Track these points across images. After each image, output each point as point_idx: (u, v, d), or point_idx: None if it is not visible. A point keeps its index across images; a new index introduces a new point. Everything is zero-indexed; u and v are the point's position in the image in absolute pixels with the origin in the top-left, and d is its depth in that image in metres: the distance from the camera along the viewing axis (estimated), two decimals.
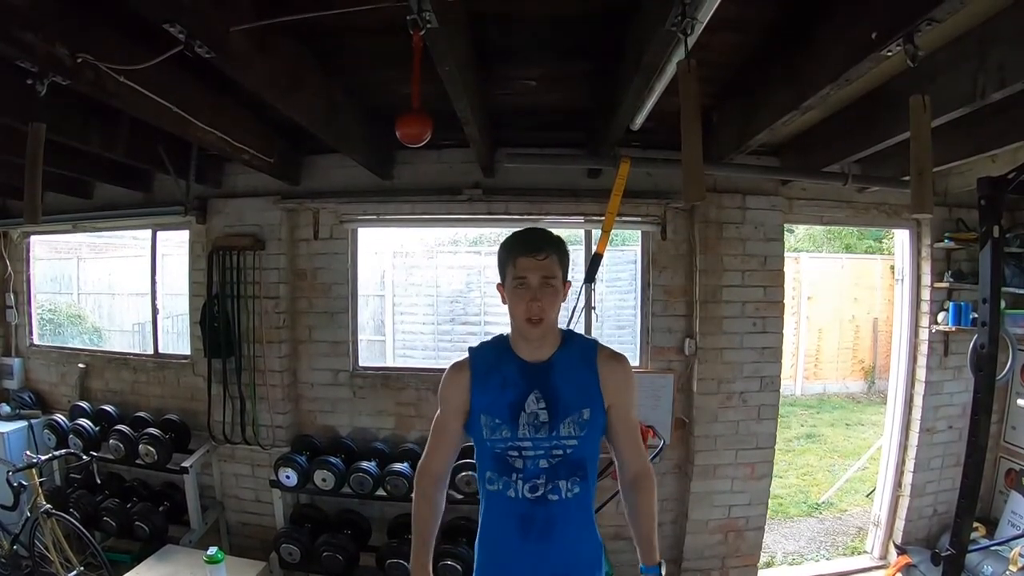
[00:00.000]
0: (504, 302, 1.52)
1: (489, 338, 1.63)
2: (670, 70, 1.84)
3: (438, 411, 1.62)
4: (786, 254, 3.52)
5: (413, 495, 1.64)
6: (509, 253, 1.49)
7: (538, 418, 1.47)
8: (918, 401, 3.63)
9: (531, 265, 1.44)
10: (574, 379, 1.50)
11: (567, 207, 3.39)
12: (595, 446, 1.55)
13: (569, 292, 1.55)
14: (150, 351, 3.98)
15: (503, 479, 1.49)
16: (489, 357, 1.56)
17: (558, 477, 1.47)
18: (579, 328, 3.30)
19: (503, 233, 2.03)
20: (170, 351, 4.03)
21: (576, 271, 6.99)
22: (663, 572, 1.53)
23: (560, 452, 1.47)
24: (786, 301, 3.50)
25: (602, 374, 1.52)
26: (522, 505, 1.48)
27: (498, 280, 1.55)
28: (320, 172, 3.51)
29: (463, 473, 3.07)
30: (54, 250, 7.40)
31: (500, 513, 1.52)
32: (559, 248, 1.50)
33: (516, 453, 1.48)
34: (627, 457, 1.60)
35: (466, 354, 1.60)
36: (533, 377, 1.50)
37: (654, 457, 3.10)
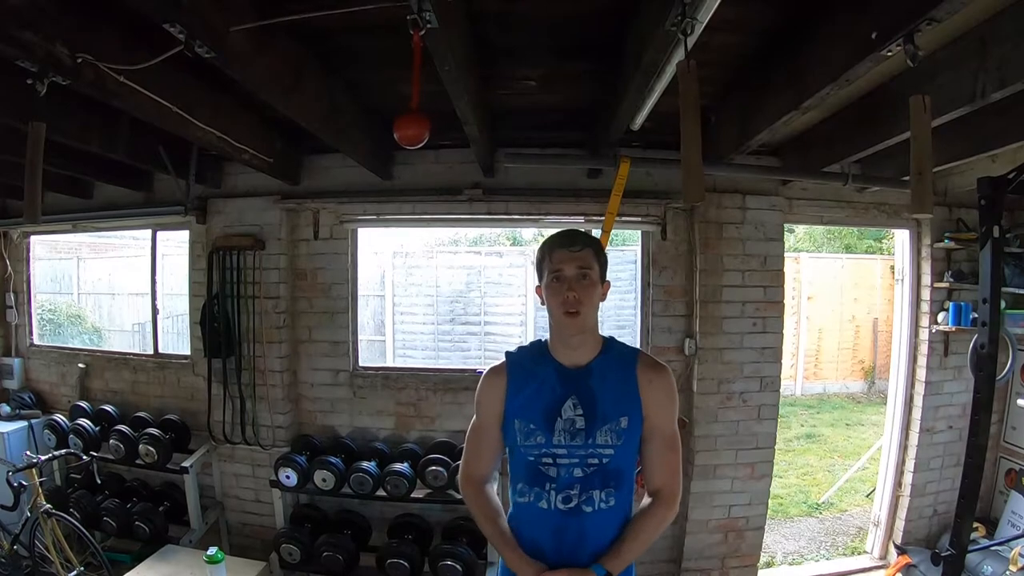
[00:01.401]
0: (543, 303, 1.50)
1: (526, 343, 1.62)
2: (670, 70, 1.84)
3: (474, 417, 1.59)
4: (786, 254, 3.52)
5: (467, 505, 1.61)
6: (545, 250, 1.49)
7: (574, 424, 1.43)
8: (918, 401, 3.63)
9: (566, 257, 1.44)
10: (613, 386, 1.45)
11: (567, 207, 3.38)
12: (632, 458, 1.49)
13: (608, 293, 1.52)
14: (150, 351, 3.98)
15: (535, 490, 1.45)
16: (526, 362, 1.53)
17: (592, 487, 1.42)
18: None
19: (503, 233, 2.03)
20: (170, 351, 4.03)
21: None
22: None
23: (596, 461, 1.42)
24: (786, 301, 3.50)
25: (641, 383, 1.46)
26: (555, 516, 1.43)
27: (537, 283, 1.54)
28: (320, 172, 3.51)
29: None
30: (54, 250, 7.42)
31: (531, 523, 1.47)
32: (595, 245, 1.51)
33: (550, 460, 1.43)
34: (657, 473, 1.49)
35: (503, 358, 1.57)
36: (571, 382, 1.46)
37: None
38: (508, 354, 1.57)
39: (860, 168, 3.17)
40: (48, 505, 3.00)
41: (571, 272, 1.43)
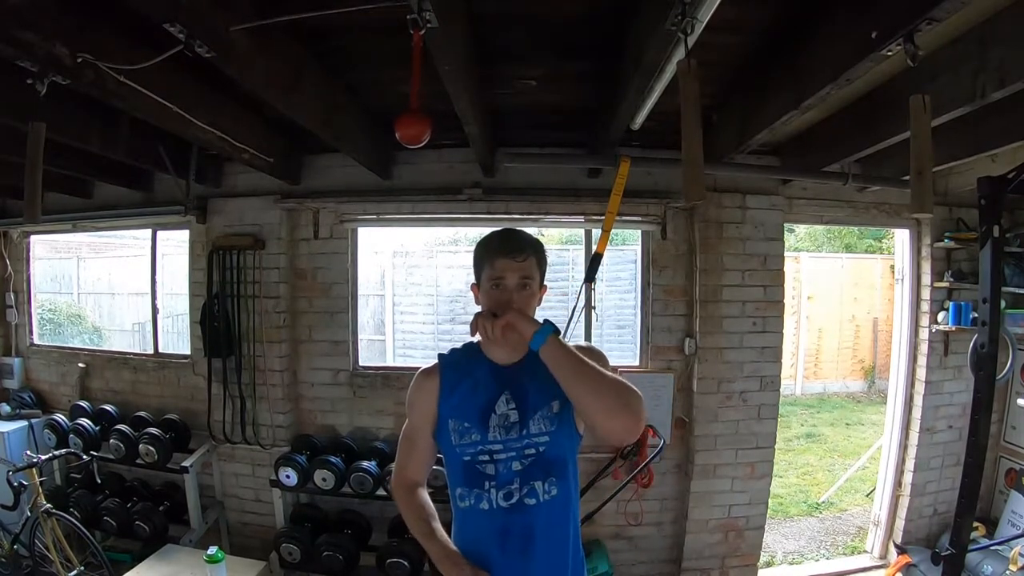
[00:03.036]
0: (477, 302, 1.46)
1: (458, 345, 1.56)
2: (670, 70, 1.84)
3: (407, 421, 1.55)
4: (786, 254, 3.53)
5: (400, 510, 1.55)
6: (486, 253, 1.43)
7: (508, 419, 1.41)
8: (918, 401, 3.63)
9: (509, 266, 1.39)
10: (542, 374, 1.37)
11: (567, 207, 3.39)
12: (570, 442, 1.45)
13: (544, 298, 1.48)
14: (150, 351, 3.98)
15: (474, 492, 1.41)
16: (460, 362, 1.51)
17: (533, 479, 1.40)
18: (579, 327, 3.31)
19: None
20: (170, 351, 4.03)
21: (576, 271, 6.98)
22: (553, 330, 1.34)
23: (532, 451, 1.40)
24: (786, 301, 3.50)
25: None
26: (498, 516, 1.40)
27: (472, 281, 1.49)
28: (320, 171, 3.51)
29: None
30: (54, 250, 7.41)
31: (475, 529, 1.43)
32: (538, 251, 1.45)
33: (487, 458, 1.41)
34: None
35: (435, 360, 1.53)
36: (505, 379, 1.45)
37: (654, 457, 3.11)
38: (441, 356, 1.54)
39: (860, 168, 3.17)
40: (48, 505, 3.00)
41: (512, 282, 1.39)
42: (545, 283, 1.48)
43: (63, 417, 3.79)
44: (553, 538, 1.42)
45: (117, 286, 7.94)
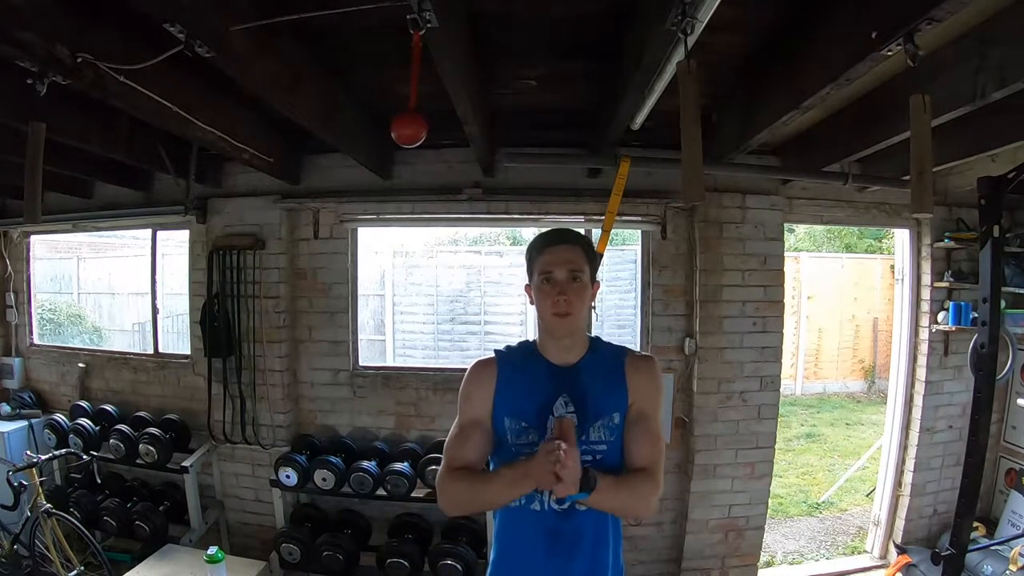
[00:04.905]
0: (532, 303, 1.46)
1: (514, 343, 1.56)
2: (670, 70, 1.84)
3: (457, 416, 1.49)
4: (786, 254, 3.53)
5: (442, 497, 1.43)
6: (535, 250, 1.45)
7: None
8: (918, 401, 3.63)
9: (557, 259, 1.40)
10: (603, 382, 1.43)
11: (567, 207, 3.39)
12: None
13: (597, 293, 1.51)
14: (150, 351, 3.98)
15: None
16: (515, 359, 1.49)
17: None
18: None
19: (503, 233, 2.01)
20: (170, 351, 4.03)
21: None
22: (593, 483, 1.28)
23: (590, 458, 1.36)
24: (786, 301, 3.50)
25: (629, 373, 1.45)
26: (548, 518, 1.39)
27: (526, 282, 1.49)
28: (320, 171, 3.51)
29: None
30: (54, 250, 7.42)
31: (523, 529, 1.42)
32: (586, 244, 1.46)
33: None
34: (638, 455, 1.40)
35: (491, 353, 1.52)
36: (561, 380, 1.43)
37: None
38: (497, 351, 1.52)
39: (860, 167, 3.18)
40: (48, 505, 3.00)
41: (562, 275, 1.39)
42: (597, 279, 1.49)
43: (63, 417, 3.80)
44: (599, 543, 1.43)
45: (117, 286, 7.95)
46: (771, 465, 3.45)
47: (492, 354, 1.52)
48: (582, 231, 3.55)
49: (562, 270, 1.39)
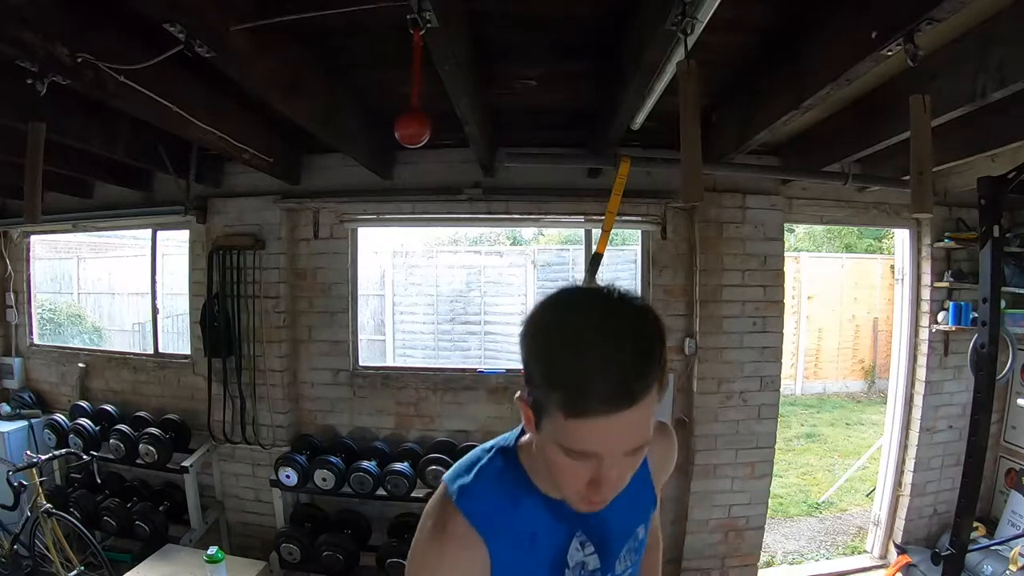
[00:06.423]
0: (530, 426, 0.87)
1: (484, 461, 0.96)
2: (670, 70, 1.84)
3: None
4: (786, 254, 3.53)
5: None
6: (567, 389, 0.76)
7: (586, 567, 1.00)
8: (918, 401, 3.63)
9: (618, 435, 0.78)
10: (626, 494, 0.91)
11: (567, 207, 3.39)
12: None
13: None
14: (150, 351, 3.98)
15: None
16: (499, 503, 0.95)
17: None
18: None
19: (503, 233, 1.97)
20: (170, 351, 4.03)
21: (576, 271, 6.98)
22: None
23: None
24: (786, 301, 3.50)
25: (652, 465, 1.06)
26: None
27: (518, 393, 0.87)
28: (320, 171, 3.51)
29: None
30: (54, 250, 7.42)
31: None
32: (660, 367, 0.81)
33: None
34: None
35: (454, 505, 0.91)
36: (570, 515, 0.95)
37: None
38: (464, 503, 0.91)
39: (860, 167, 3.17)
40: (48, 505, 3.01)
41: (617, 459, 0.81)
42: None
43: (63, 417, 3.79)
44: None
45: (117, 286, 7.95)
46: (771, 465, 3.45)
47: (458, 511, 0.90)
48: (582, 231, 3.58)
49: (619, 450, 0.80)
